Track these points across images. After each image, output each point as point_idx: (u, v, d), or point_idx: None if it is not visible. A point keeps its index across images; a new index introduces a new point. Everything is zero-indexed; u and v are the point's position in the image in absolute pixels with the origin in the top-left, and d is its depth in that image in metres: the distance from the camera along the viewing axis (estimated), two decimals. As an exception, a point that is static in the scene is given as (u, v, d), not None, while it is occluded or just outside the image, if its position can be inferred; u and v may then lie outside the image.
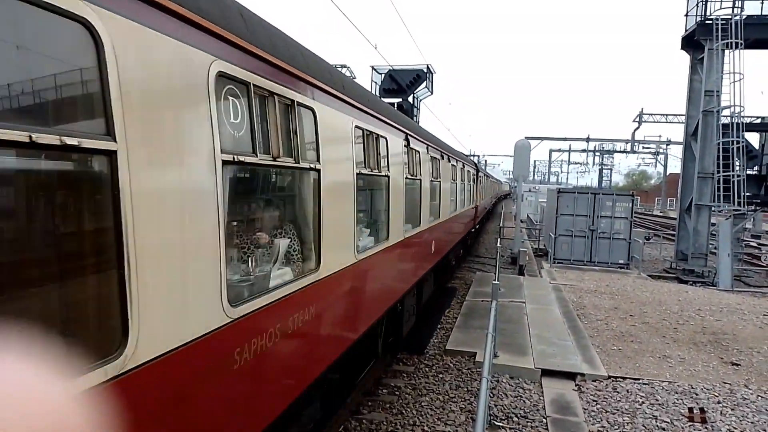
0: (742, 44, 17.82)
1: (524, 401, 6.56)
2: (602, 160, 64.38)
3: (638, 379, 7.22)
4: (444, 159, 10.51)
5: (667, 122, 45.93)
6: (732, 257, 17.60)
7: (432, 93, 17.69)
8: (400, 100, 15.34)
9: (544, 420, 6.07)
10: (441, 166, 10.11)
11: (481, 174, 22.96)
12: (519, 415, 6.14)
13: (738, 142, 17.87)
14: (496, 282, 7.64)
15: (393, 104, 13.08)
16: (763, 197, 19.75)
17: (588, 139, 57.02)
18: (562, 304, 11.55)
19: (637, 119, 45.98)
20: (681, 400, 6.64)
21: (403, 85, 15.84)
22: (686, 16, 20.07)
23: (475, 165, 20.42)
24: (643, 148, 54.99)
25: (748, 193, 18.04)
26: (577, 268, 17.10)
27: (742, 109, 18.23)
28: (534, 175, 78.05)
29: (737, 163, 17.95)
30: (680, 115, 38.19)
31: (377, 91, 15.68)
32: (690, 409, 6.27)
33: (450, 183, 11.60)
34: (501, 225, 27.58)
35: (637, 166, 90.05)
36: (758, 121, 22.13)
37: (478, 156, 71.44)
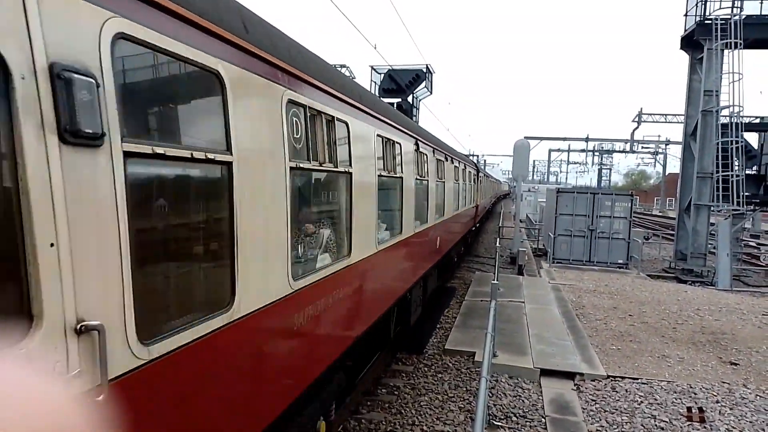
0: (741, 44, 17.84)
1: (523, 401, 6.57)
2: (601, 159, 64.34)
3: (637, 379, 7.23)
4: (447, 161, 10.80)
5: (666, 122, 45.96)
6: (731, 257, 17.62)
7: (431, 93, 17.69)
8: (399, 100, 15.31)
9: (543, 419, 6.08)
10: (445, 168, 10.42)
11: (481, 174, 23.08)
12: (518, 415, 6.15)
13: (737, 142, 17.89)
14: (495, 282, 7.64)
15: (392, 104, 13.07)
16: (762, 197, 19.77)
17: (587, 139, 57.06)
18: (561, 303, 11.56)
19: (636, 119, 45.97)
20: (680, 399, 6.65)
21: (403, 85, 15.84)
22: (685, 16, 20.08)
23: (476, 165, 20.46)
24: (642, 148, 54.97)
25: (747, 193, 18.05)
26: (576, 268, 17.11)
27: (741, 109, 18.25)
28: (533, 174, 77.97)
29: (736, 163, 17.97)
30: (679, 115, 38.28)
31: (377, 90, 15.67)
32: (689, 409, 6.29)
33: (453, 183, 11.88)
34: (500, 225, 27.54)
35: (636, 166, 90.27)
36: (757, 121, 22.17)
37: (477, 156, 71.55)
